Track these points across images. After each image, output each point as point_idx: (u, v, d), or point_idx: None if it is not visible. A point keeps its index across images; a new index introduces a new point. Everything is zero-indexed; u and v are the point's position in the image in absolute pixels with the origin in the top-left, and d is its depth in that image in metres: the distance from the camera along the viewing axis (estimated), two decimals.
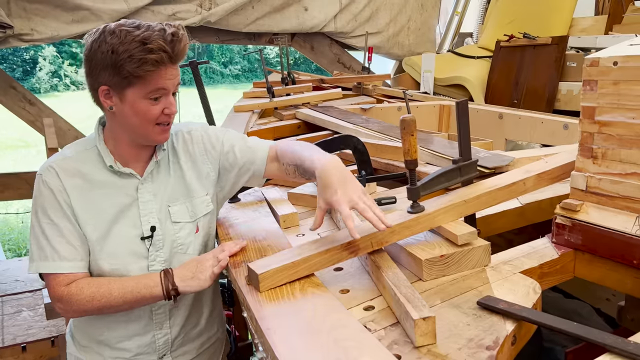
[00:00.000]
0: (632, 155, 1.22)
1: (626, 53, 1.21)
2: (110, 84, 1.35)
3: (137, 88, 1.35)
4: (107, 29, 1.34)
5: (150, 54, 1.30)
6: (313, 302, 1.10)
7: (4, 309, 3.43)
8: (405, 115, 1.26)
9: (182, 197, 1.53)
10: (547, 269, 1.29)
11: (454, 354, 0.95)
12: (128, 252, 1.46)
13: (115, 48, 1.30)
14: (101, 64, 1.33)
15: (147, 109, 1.38)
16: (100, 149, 1.45)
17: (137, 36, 1.31)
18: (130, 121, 1.40)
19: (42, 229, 1.41)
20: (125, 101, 1.37)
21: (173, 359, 1.62)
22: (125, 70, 1.31)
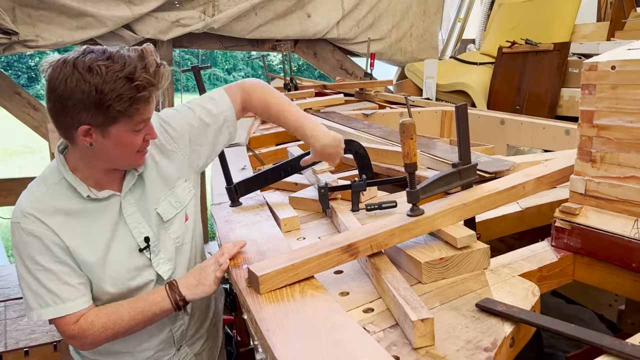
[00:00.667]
0: (630, 158, 1.22)
1: (624, 57, 1.22)
2: (93, 123, 1.27)
3: (123, 124, 1.30)
4: (77, 63, 1.23)
5: (141, 91, 1.26)
6: (313, 304, 1.10)
7: (7, 313, 3.44)
8: (404, 119, 1.27)
9: (164, 193, 1.51)
10: (547, 272, 1.29)
11: (452, 355, 0.96)
12: (130, 269, 1.45)
13: (99, 87, 1.22)
14: (82, 104, 1.23)
15: (132, 141, 1.34)
16: (71, 181, 1.38)
17: (119, 71, 1.23)
18: (112, 154, 1.35)
19: (35, 277, 1.35)
20: (108, 137, 1.31)
21: (189, 347, 1.67)
22: (115, 110, 1.25)
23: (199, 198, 1.64)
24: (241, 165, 2.30)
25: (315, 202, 1.81)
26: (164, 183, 1.52)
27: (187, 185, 1.56)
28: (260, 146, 2.93)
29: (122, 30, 4.35)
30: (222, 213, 1.76)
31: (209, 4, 4.68)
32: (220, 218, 1.71)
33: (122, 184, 1.45)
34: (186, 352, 1.67)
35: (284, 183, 2.05)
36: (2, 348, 3.04)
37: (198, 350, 1.71)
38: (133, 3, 4.31)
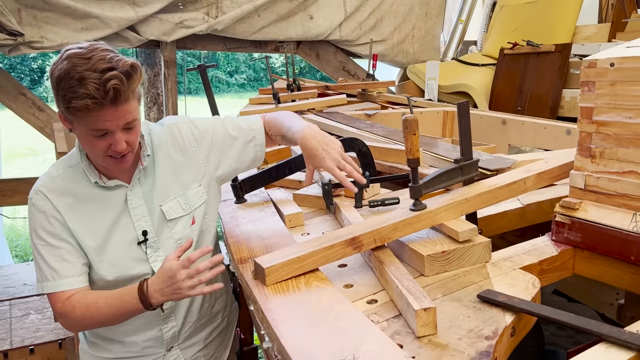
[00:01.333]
0: (629, 154, 1.25)
1: (622, 55, 1.25)
2: (61, 111, 1.32)
3: (78, 123, 1.31)
4: (68, 52, 1.28)
5: (77, 99, 1.24)
6: (318, 294, 1.13)
7: (12, 312, 3.47)
8: (407, 115, 1.30)
9: (174, 192, 1.53)
10: (547, 265, 1.32)
11: (454, 343, 0.98)
12: (128, 258, 1.49)
13: (61, 79, 1.25)
14: (53, 89, 1.29)
15: (93, 144, 1.34)
16: (84, 166, 1.45)
17: (77, 72, 1.24)
18: (85, 148, 1.40)
19: (39, 251, 1.44)
20: (75, 130, 1.35)
21: (181, 350, 1.66)
22: (63, 103, 1.27)
23: (217, 207, 1.65)
24: None
25: (319, 199, 1.83)
26: (177, 183, 1.54)
27: (200, 190, 1.57)
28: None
29: (127, 32, 4.39)
30: (227, 209, 1.78)
31: (213, 6, 4.71)
32: (226, 214, 1.74)
33: (131, 177, 1.49)
34: (177, 355, 1.66)
35: (288, 180, 2.08)
36: (8, 346, 3.07)
37: (191, 356, 1.69)
38: (137, 5, 4.34)
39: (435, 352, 0.96)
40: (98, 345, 1.64)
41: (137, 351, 1.61)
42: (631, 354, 0.91)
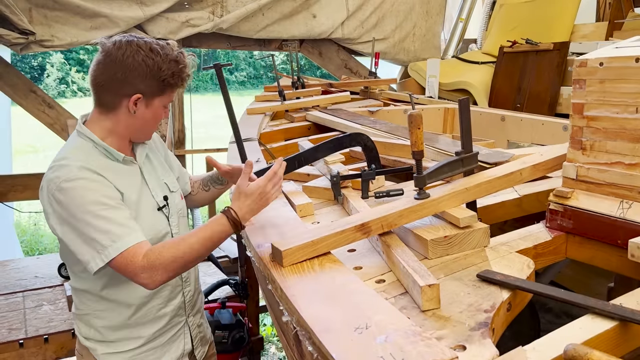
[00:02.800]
0: (616, 146, 1.35)
1: (611, 55, 1.36)
2: (145, 92, 1.58)
3: (163, 97, 1.63)
4: (140, 44, 1.56)
5: (184, 72, 1.63)
6: (331, 275, 1.24)
7: (26, 303, 3.58)
8: (412, 110, 1.40)
9: (167, 171, 1.83)
10: (541, 249, 1.43)
11: (455, 316, 1.09)
12: (154, 223, 1.68)
13: (159, 64, 1.56)
14: (144, 74, 1.55)
15: (160, 114, 1.66)
16: (107, 147, 1.60)
17: (170, 55, 1.59)
18: (147, 124, 1.65)
19: (105, 217, 1.47)
20: (151, 107, 1.62)
21: (193, 317, 1.86)
22: (166, 83, 1.59)
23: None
24: (255, 159, 2.43)
25: (327, 191, 1.94)
26: (164, 165, 1.84)
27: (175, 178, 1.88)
28: (271, 141, 3.06)
29: (134, 31, 4.49)
30: None
31: (218, 5, 4.81)
32: None
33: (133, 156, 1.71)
34: (192, 321, 1.86)
35: (297, 174, 2.18)
36: (23, 335, 3.17)
37: (198, 323, 1.90)
38: (145, 4, 4.45)
39: (439, 323, 1.07)
40: (122, 339, 1.69)
41: (165, 324, 1.74)
42: (614, 323, 1.01)
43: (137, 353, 1.72)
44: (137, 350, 1.72)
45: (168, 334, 1.77)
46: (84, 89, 22.97)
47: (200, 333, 1.91)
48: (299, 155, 2.01)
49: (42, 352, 3.19)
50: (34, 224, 8.44)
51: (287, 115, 3.60)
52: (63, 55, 22.46)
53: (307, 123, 3.40)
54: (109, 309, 1.67)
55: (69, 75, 23.05)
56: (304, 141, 2.67)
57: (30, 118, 4.54)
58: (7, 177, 4.42)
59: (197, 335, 1.88)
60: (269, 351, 4.84)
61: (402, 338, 0.94)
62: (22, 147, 14.19)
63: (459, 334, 1.02)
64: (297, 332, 1.10)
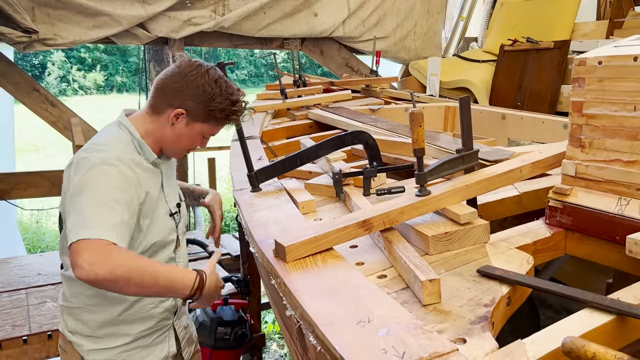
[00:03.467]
0: (615, 143, 1.37)
1: (609, 53, 1.37)
2: (190, 112, 1.64)
3: (207, 127, 1.69)
4: (209, 72, 1.65)
5: (234, 115, 1.70)
6: (334, 270, 1.26)
7: (29, 300, 3.60)
8: (413, 108, 1.42)
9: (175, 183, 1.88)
10: (541, 245, 1.45)
11: (456, 310, 1.11)
12: (166, 227, 1.73)
13: (215, 97, 1.64)
14: (195, 95, 1.63)
15: (196, 141, 1.72)
16: (142, 145, 1.67)
17: (230, 95, 1.67)
18: (179, 141, 1.70)
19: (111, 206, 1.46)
20: (191, 128, 1.67)
21: (178, 319, 1.88)
22: (212, 115, 1.65)
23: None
24: (257, 156, 2.45)
25: (329, 188, 1.96)
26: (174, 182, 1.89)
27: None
28: (272, 139, 3.08)
29: (136, 29, 4.51)
30: (244, 197, 1.91)
31: (219, 4, 4.83)
32: (244, 201, 1.86)
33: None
34: (179, 324, 1.88)
35: (299, 172, 2.20)
36: (27, 331, 3.19)
37: (185, 323, 1.93)
38: (147, 3, 4.46)
39: (440, 317, 1.09)
40: (111, 335, 1.70)
41: (152, 325, 1.76)
42: (611, 317, 1.04)
43: (122, 350, 1.73)
44: (123, 348, 1.73)
45: (154, 335, 1.78)
46: (84, 87, 23.00)
47: (187, 334, 1.94)
48: (301, 153, 2.03)
49: (45, 349, 3.22)
50: (36, 221, 8.47)
51: (289, 113, 3.62)
52: (64, 54, 22.47)
53: (309, 121, 3.41)
54: (102, 304, 1.68)
55: (70, 73, 23.06)
56: (306, 139, 2.69)
57: (31, 117, 4.57)
58: (10, 175, 4.45)
59: (184, 337, 1.91)
60: (270, 348, 4.87)
61: (403, 331, 0.96)
62: (23, 146, 14.22)
63: (459, 328, 1.04)
64: (301, 326, 1.12)
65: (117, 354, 1.73)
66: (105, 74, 23.50)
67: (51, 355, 3.25)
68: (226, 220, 7.51)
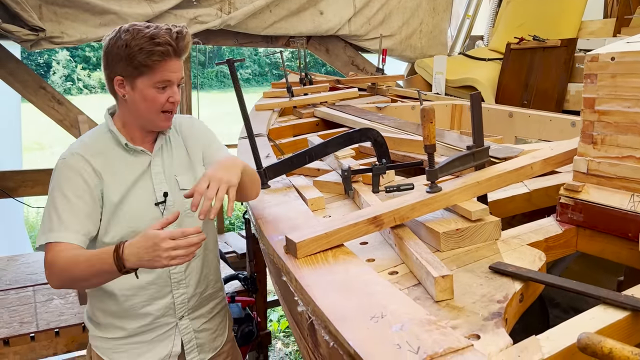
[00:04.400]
0: (627, 140, 1.36)
1: (622, 49, 1.37)
2: (124, 74, 1.57)
3: (146, 78, 1.56)
4: (121, 28, 1.57)
5: (158, 46, 1.53)
6: (345, 266, 1.25)
7: (36, 297, 3.62)
8: (425, 105, 1.42)
9: (186, 169, 1.77)
10: (552, 242, 1.44)
11: (469, 306, 1.11)
12: (145, 217, 1.65)
13: (128, 43, 1.53)
14: (117, 57, 1.55)
15: (154, 97, 1.59)
16: (114, 132, 1.67)
17: (146, 33, 1.53)
18: (140, 107, 1.61)
19: (55, 204, 1.56)
20: (136, 89, 1.59)
21: (190, 320, 1.81)
22: (137, 61, 1.53)
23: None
24: (265, 154, 2.45)
25: (338, 185, 1.96)
26: (188, 162, 1.78)
27: (204, 169, 1.79)
28: (279, 137, 3.08)
29: None
30: None
31: (225, 2, 4.84)
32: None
33: (153, 147, 1.72)
34: (187, 324, 1.80)
35: (307, 169, 2.20)
36: (35, 329, 3.20)
37: (198, 327, 1.84)
38: (153, 1, 4.47)
39: (453, 313, 1.09)
40: (110, 325, 1.74)
41: (150, 322, 1.73)
42: (626, 314, 1.03)
43: (120, 343, 1.75)
44: (120, 341, 1.75)
45: (153, 332, 1.76)
46: (89, 86, 23.08)
47: (199, 339, 1.84)
48: (309, 150, 2.03)
49: (53, 346, 3.23)
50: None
51: (295, 111, 3.62)
52: (69, 53, 22.54)
53: (316, 119, 3.41)
54: (101, 295, 1.72)
55: (74, 72, 23.15)
56: (313, 136, 2.69)
57: (37, 115, 4.58)
58: (17, 173, 4.46)
59: (191, 340, 1.81)
60: (275, 347, 4.87)
61: (417, 327, 0.96)
62: (29, 144, 14.27)
63: (472, 324, 1.04)
64: (313, 321, 1.12)
65: (116, 345, 1.75)
66: None
67: (58, 352, 3.27)
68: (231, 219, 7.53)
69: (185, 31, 1.59)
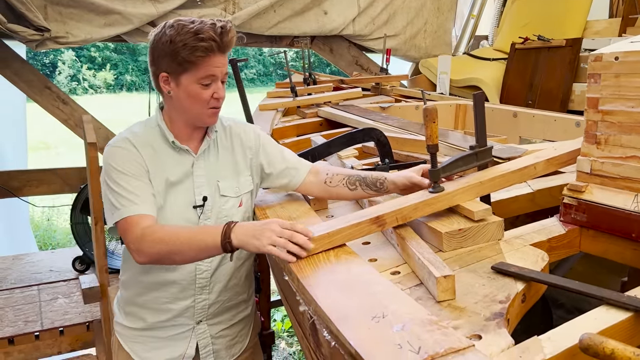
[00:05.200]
0: (631, 140, 1.36)
1: (626, 49, 1.36)
2: (169, 70, 1.57)
3: (190, 74, 1.56)
4: (167, 24, 1.57)
5: (201, 42, 1.51)
6: (347, 265, 1.25)
7: (41, 296, 3.64)
8: (427, 105, 1.42)
9: (230, 174, 1.73)
10: (555, 243, 1.44)
11: (471, 306, 1.10)
12: (179, 217, 1.65)
13: (172, 38, 1.52)
14: (162, 53, 1.55)
15: (199, 93, 1.58)
16: (162, 128, 1.67)
17: (191, 29, 1.52)
18: (185, 104, 1.61)
19: (120, 183, 1.56)
20: (180, 85, 1.58)
21: (208, 326, 1.81)
22: (180, 57, 1.52)
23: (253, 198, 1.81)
24: None
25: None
26: (233, 167, 1.75)
27: (249, 178, 1.77)
28: (283, 137, 3.08)
29: (147, 27, 4.52)
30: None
31: (230, 2, 4.84)
32: (256, 198, 1.86)
33: (199, 148, 1.69)
34: (204, 329, 1.80)
35: None
36: (39, 327, 3.23)
37: (216, 333, 1.83)
38: (158, 1, 4.48)
39: (454, 313, 1.08)
40: (132, 315, 1.78)
41: (168, 319, 1.74)
42: (629, 314, 1.03)
43: (138, 334, 1.78)
44: (139, 332, 1.77)
45: (171, 330, 1.77)
46: (95, 86, 23.15)
47: (216, 345, 1.83)
48: (312, 150, 2.03)
49: (57, 344, 3.25)
50: (47, 219, 8.54)
51: (299, 111, 3.62)
52: (74, 53, 22.64)
53: (319, 119, 3.41)
54: (132, 284, 1.76)
55: (80, 72, 23.23)
56: (317, 136, 2.69)
57: (42, 115, 4.59)
58: (22, 172, 4.48)
59: (207, 345, 1.81)
60: (279, 346, 4.87)
61: (418, 327, 0.96)
62: (35, 144, 14.33)
63: (474, 324, 1.03)
64: (314, 321, 1.12)
65: (135, 335, 1.78)
66: (115, 72, 23.65)
67: (62, 351, 3.29)
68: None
69: (229, 26, 1.57)
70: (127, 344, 1.80)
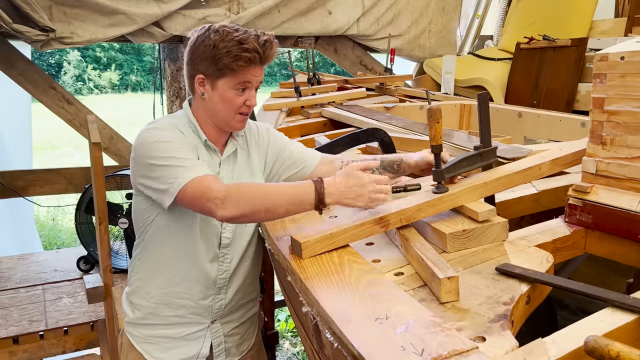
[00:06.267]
0: (637, 140, 1.35)
1: (632, 49, 1.35)
2: (206, 73, 1.58)
3: (227, 79, 1.58)
4: (211, 28, 1.58)
5: (245, 52, 1.53)
6: (350, 266, 1.25)
7: (46, 295, 3.65)
8: (431, 105, 1.41)
9: (247, 174, 1.76)
10: (560, 244, 1.43)
11: (474, 308, 1.10)
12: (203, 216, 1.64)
13: (216, 44, 1.53)
14: (202, 55, 1.56)
15: (232, 98, 1.60)
16: (195, 125, 1.67)
17: (235, 37, 1.53)
18: (217, 107, 1.62)
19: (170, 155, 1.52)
20: (216, 89, 1.60)
21: (221, 325, 1.82)
22: (222, 63, 1.54)
23: None
24: None
25: None
26: (250, 169, 1.78)
27: (263, 178, 1.81)
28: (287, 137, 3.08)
29: (152, 27, 4.53)
30: None
31: (234, 2, 4.84)
32: None
33: (223, 151, 1.73)
34: (218, 328, 1.81)
35: None
36: (44, 327, 3.23)
37: (228, 331, 1.85)
38: (162, 1, 4.48)
39: (458, 315, 1.08)
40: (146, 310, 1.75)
41: (184, 315, 1.74)
42: (634, 316, 1.02)
43: (152, 334, 1.76)
44: (153, 331, 1.76)
45: (185, 328, 1.76)
46: (100, 86, 23.24)
47: (227, 343, 1.86)
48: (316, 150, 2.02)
49: (61, 344, 3.26)
50: (52, 219, 8.57)
51: (303, 111, 3.61)
52: (80, 53, 22.73)
53: (323, 119, 3.40)
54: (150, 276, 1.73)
55: (85, 72, 23.33)
56: (321, 136, 2.68)
57: (48, 115, 4.61)
58: (27, 172, 4.50)
59: (220, 343, 1.83)
60: (283, 347, 4.87)
61: (422, 328, 0.95)
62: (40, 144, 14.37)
63: (478, 326, 1.03)
64: (317, 322, 1.11)
65: (148, 336, 1.77)
66: (120, 73, 23.74)
67: (67, 351, 3.30)
68: None
69: (273, 41, 1.59)
70: (139, 345, 1.78)
